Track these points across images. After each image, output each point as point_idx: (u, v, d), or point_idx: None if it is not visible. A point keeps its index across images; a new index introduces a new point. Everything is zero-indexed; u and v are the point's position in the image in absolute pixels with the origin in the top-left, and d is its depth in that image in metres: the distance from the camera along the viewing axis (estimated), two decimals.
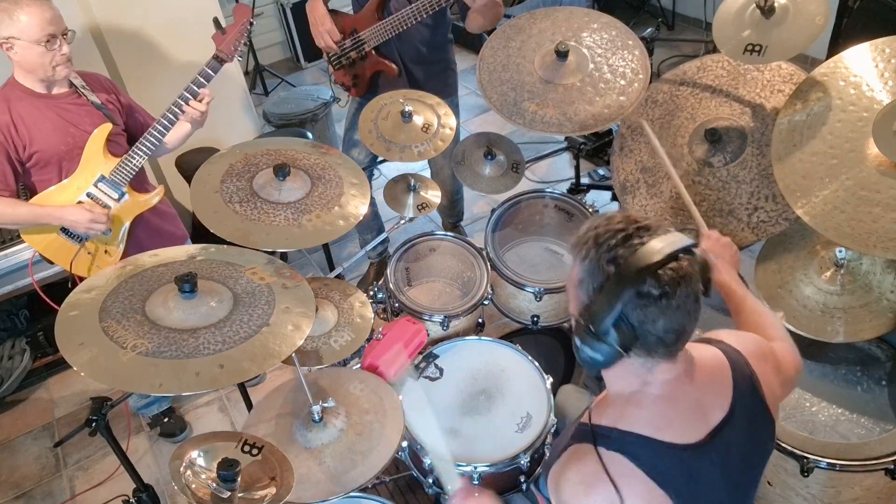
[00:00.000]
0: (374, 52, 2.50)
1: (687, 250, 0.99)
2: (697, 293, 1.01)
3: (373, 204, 2.83)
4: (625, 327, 0.98)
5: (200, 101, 1.98)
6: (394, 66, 2.52)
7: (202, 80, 1.94)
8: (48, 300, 2.01)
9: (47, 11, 1.82)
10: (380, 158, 3.17)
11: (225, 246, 1.61)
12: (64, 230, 2.02)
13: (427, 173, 3.17)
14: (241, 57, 2.01)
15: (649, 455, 1.03)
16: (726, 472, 1.09)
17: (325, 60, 2.65)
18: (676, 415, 1.06)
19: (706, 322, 1.97)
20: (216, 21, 1.95)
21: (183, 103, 1.95)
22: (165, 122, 1.97)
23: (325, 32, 2.50)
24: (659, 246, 0.97)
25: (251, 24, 1.95)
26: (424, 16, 2.31)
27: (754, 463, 1.16)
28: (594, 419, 1.09)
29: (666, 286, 0.96)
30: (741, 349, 1.17)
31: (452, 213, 3.22)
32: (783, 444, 1.68)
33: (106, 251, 2.08)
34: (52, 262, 2.07)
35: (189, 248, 1.62)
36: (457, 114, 2.81)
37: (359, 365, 1.98)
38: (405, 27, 2.37)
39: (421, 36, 2.50)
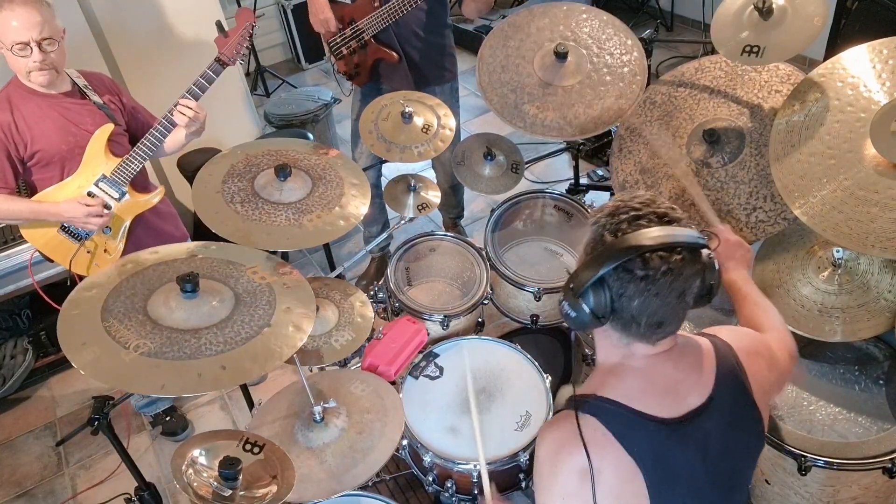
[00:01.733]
0: (373, 40, 2.52)
1: (691, 248, 1.01)
2: (684, 290, 1.02)
3: (380, 196, 2.84)
4: (603, 295, 1.02)
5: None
6: (393, 53, 2.53)
7: (204, 82, 1.94)
8: (49, 300, 2.02)
9: (20, 18, 1.78)
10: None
11: (224, 243, 1.62)
12: (64, 228, 2.02)
13: (427, 171, 3.18)
14: (242, 59, 2.01)
15: (620, 421, 1.06)
16: (706, 462, 1.10)
17: (327, 51, 2.66)
18: (652, 390, 1.09)
19: (707, 322, 1.97)
20: (219, 25, 1.95)
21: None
22: (167, 123, 1.97)
23: (323, 21, 2.52)
24: (659, 233, 1.00)
25: (253, 27, 1.95)
26: (420, 2, 2.32)
27: (736, 457, 1.16)
28: (579, 390, 1.13)
29: (650, 270, 0.99)
30: (733, 343, 1.19)
31: (453, 204, 3.21)
32: (781, 443, 1.69)
33: (105, 250, 2.08)
34: (51, 260, 2.08)
35: (189, 245, 1.63)
36: (457, 98, 2.83)
37: (359, 364, 2.00)
38: (402, 13, 2.38)
39: (418, 21, 2.52)
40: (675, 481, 1.08)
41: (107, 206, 2.02)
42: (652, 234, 1.00)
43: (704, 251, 1.04)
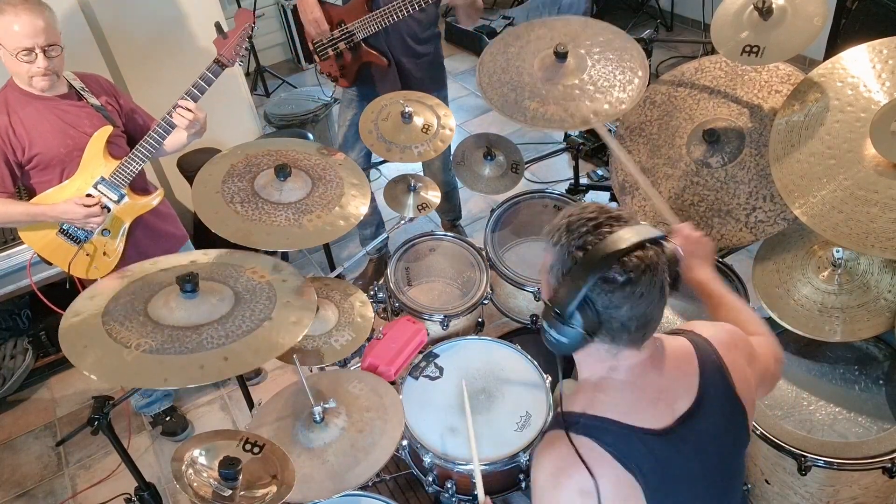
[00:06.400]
0: (363, 43, 2.53)
1: (655, 241, 1.01)
2: (663, 283, 1.03)
3: (372, 199, 2.84)
4: (590, 312, 1.00)
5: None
6: (383, 58, 2.54)
7: (203, 84, 1.94)
8: (47, 301, 2.02)
9: (25, 24, 1.77)
10: (378, 159, 3.19)
11: (226, 251, 1.63)
12: (63, 231, 2.02)
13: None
14: (242, 59, 2.01)
15: (616, 438, 1.04)
16: (701, 462, 1.10)
17: (311, 51, 2.66)
18: (642, 400, 1.08)
19: (690, 317, 1.97)
20: (218, 26, 1.95)
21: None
22: (165, 125, 1.97)
23: (314, 20, 2.53)
24: (627, 235, 0.99)
25: (253, 28, 1.95)
26: (413, 10, 2.33)
27: (728, 451, 1.16)
28: (565, 407, 1.11)
29: (630, 273, 0.98)
30: (711, 338, 1.18)
31: (449, 209, 3.21)
32: (781, 443, 1.69)
33: (105, 252, 2.08)
34: (50, 263, 2.08)
35: (190, 256, 1.64)
36: (446, 105, 2.83)
37: (359, 364, 2.00)
38: (393, 20, 2.39)
39: (409, 29, 2.53)
40: (675, 488, 1.08)
41: (105, 208, 2.02)
42: (622, 237, 0.99)
43: (666, 242, 1.04)
